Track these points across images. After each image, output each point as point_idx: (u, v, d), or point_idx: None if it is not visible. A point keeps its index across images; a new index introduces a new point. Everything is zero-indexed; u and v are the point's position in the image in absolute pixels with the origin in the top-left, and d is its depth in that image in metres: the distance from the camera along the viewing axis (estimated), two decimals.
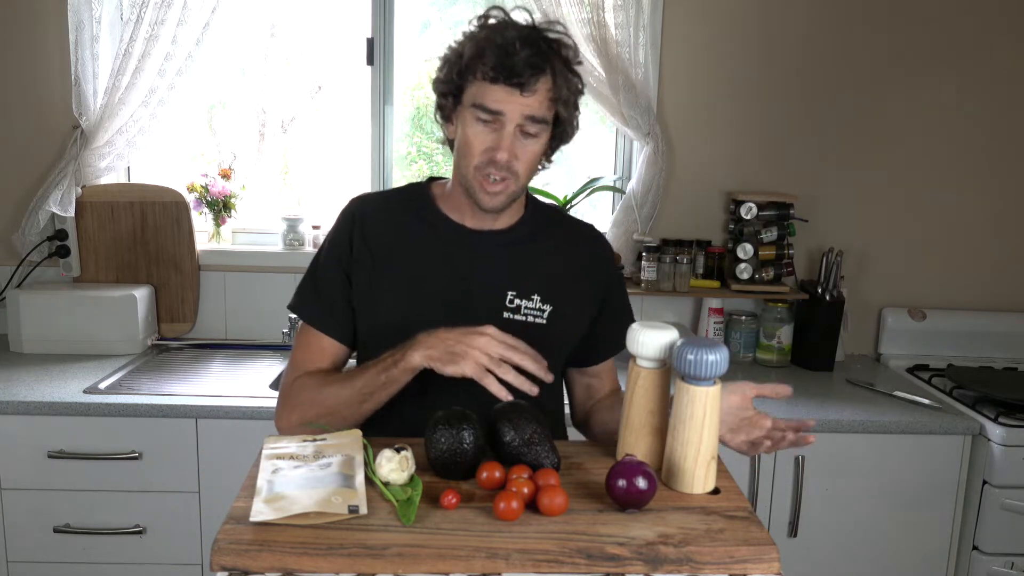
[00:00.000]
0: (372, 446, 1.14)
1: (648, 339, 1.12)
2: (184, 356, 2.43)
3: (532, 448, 1.10)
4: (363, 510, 0.99)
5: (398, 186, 1.48)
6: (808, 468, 2.09)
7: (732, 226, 2.55)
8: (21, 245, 2.44)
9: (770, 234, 2.48)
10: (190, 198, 2.53)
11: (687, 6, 2.50)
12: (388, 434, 1.25)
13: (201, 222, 2.59)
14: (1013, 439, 2.04)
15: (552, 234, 1.42)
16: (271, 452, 1.11)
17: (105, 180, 2.49)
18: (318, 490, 1.01)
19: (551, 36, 1.27)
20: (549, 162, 1.38)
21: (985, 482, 2.08)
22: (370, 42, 2.53)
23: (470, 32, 1.28)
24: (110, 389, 2.08)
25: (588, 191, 2.51)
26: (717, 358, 1.06)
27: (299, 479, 1.03)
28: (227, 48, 2.58)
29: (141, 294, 2.40)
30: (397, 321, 1.32)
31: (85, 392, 2.03)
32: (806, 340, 2.49)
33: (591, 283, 1.42)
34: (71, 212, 2.40)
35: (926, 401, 2.18)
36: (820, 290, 2.45)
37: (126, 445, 2.00)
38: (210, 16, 2.32)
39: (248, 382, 2.24)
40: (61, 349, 2.33)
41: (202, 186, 2.54)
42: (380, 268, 1.34)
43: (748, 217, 2.47)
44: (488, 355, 1.16)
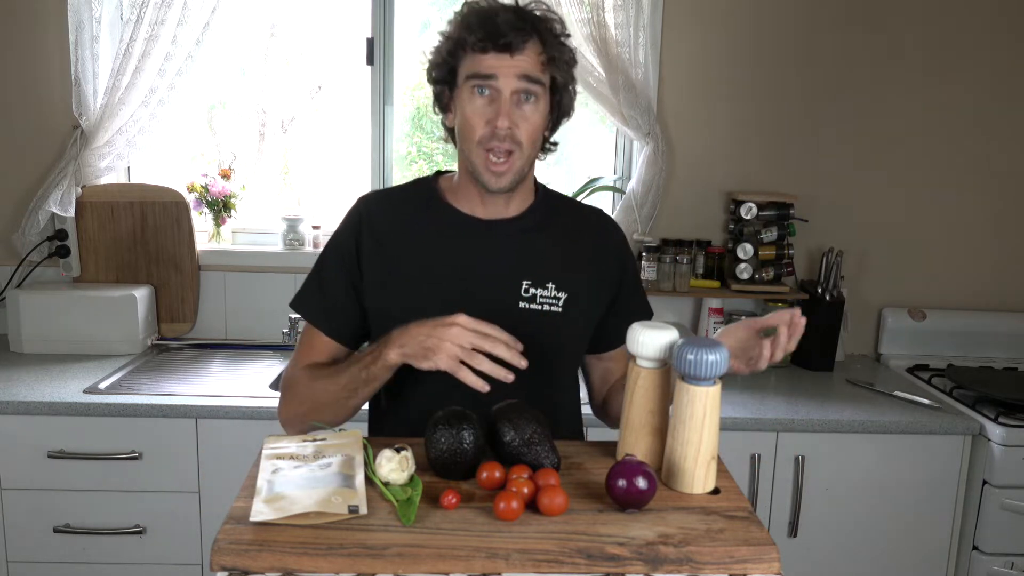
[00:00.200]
0: (372, 446, 1.14)
1: (648, 339, 1.12)
2: (184, 356, 2.43)
3: (532, 448, 1.10)
4: (363, 510, 0.99)
5: (405, 182, 1.47)
6: (808, 468, 2.09)
7: (732, 226, 2.55)
8: (21, 245, 2.44)
9: (770, 234, 2.48)
10: (190, 198, 2.53)
11: (687, 6, 2.50)
12: (401, 432, 1.26)
13: (201, 222, 2.59)
14: (1013, 439, 2.04)
15: (563, 221, 1.41)
16: (271, 452, 1.11)
17: (105, 180, 2.49)
18: (318, 490, 1.01)
19: (536, 13, 1.28)
20: (553, 145, 1.38)
21: (985, 482, 2.08)
22: (370, 42, 2.53)
23: (454, 16, 1.30)
24: (110, 389, 2.08)
25: (588, 191, 2.51)
26: (717, 358, 1.06)
27: (299, 479, 1.04)
28: (227, 48, 2.58)
29: (141, 294, 2.40)
30: (412, 317, 1.31)
31: (85, 392, 2.03)
32: (806, 340, 2.46)
33: (605, 268, 1.41)
34: (71, 212, 2.40)
35: (926, 401, 2.18)
36: (820, 290, 2.45)
37: (126, 445, 2.00)
38: (210, 16, 2.32)
39: (248, 382, 2.24)
40: (61, 349, 2.33)
41: (202, 186, 2.54)
42: (392, 265, 1.34)
43: (748, 217, 2.47)
44: (460, 346, 1.14)
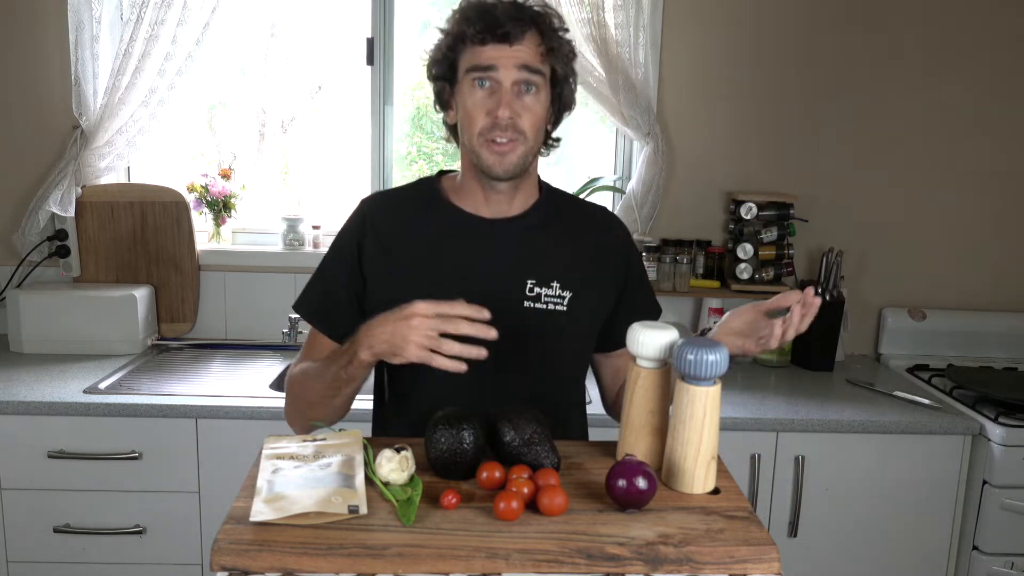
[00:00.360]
0: (372, 446, 1.14)
1: (648, 339, 1.12)
2: (184, 356, 2.43)
3: (532, 448, 1.10)
4: (363, 510, 0.99)
5: (408, 182, 1.47)
6: (808, 468, 2.09)
7: (732, 226, 2.55)
8: (21, 245, 2.44)
9: (770, 234, 2.48)
10: (190, 198, 2.53)
11: (687, 6, 2.50)
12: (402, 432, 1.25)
13: (201, 222, 2.59)
14: (1013, 439, 2.04)
15: (567, 219, 1.40)
16: (271, 452, 1.11)
17: (105, 180, 2.49)
18: (318, 490, 1.01)
19: (535, 8, 1.28)
20: (556, 141, 1.37)
21: (985, 482, 2.08)
22: (370, 42, 2.53)
23: (453, 12, 1.30)
24: (110, 389, 2.08)
25: (588, 191, 2.51)
26: (717, 358, 1.06)
27: (299, 479, 1.03)
28: (227, 48, 2.58)
29: (141, 294, 2.40)
30: None
31: (85, 392, 2.03)
32: (806, 340, 2.46)
33: (610, 266, 1.40)
34: (71, 212, 2.40)
35: (926, 401, 2.18)
36: (820, 290, 2.45)
37: (126, 445, 2.00)
38: (210, 16, 2.32)
39: (248, 382, 2.24)
40: (61, 349, 2.33)
41: (202, 186, 2.54)
42: (395, 265, 1.34)
43: (748, 217, 2.47)
44: (425, 335, 1.11)
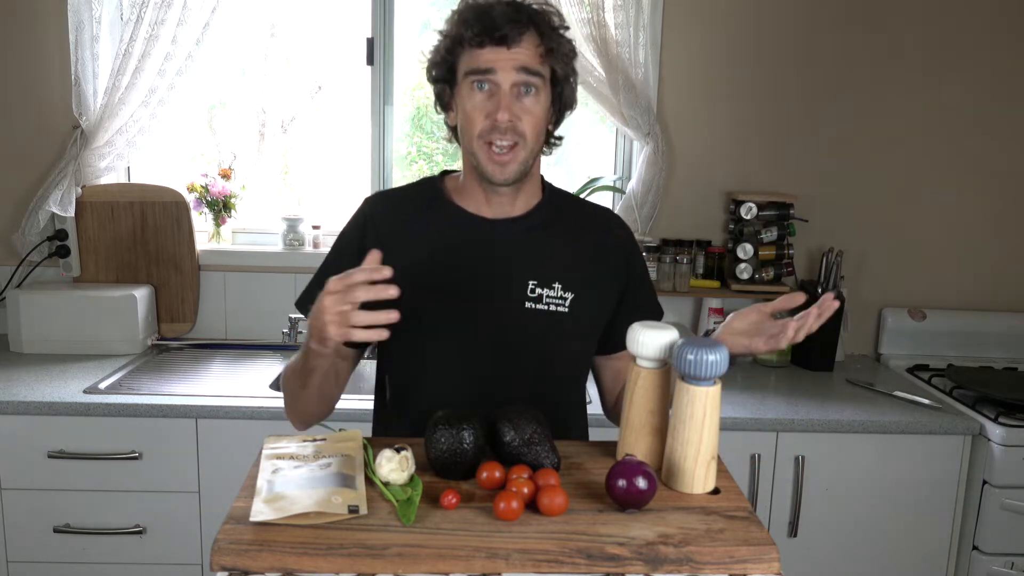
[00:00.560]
0: (372, 446, 1.14)
1: (648, 339, 1.12)
2: (184, 356, 2.43)
3: (532, 448, 1.10)
4: (363, 510, 0.99)
5: (411, 182, 1.47)
6: (808, 468, 2.08)
7: (732, 226, 2.55)
8: (21, 245, 2.44)
9: (770, 234, 2.48)
10: (190, 198, 2.53)
11: (687, 6, 2.50)
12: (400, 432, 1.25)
13: (201, 222, 2.59)
14: (1013, 439, 2.04)
15: (570, 220, 1.40)
16: (271, 452, 1.11)
17: (105, 180, 2.49)
18: (318, 490, 1.01)
19: (534, 7, 1.27)
20: (558, 140, 1.37)
21: (985, 482, 2.08)
22: (370, 42, 2.53)
23: (451, 13, 1.29)
24: (110, 389, 2.08)
25: (588, 191, 2.51)
26: (717, 358, 1.06)
27: (299, 479, 1.04)
28: (227, 48, 2.58)
29: (141, 294, 2.40)
30: (418, 318, 1.31)
31: (85, 392, 2.03)
32: (806, 340, 2.47)
33: (612, 267, 1.40)
34: (71, 212, 2.40)
35: (926, 401, 2.18)
36: (820, 290, 2.45)
37: (126, 445, 2.00)
38: (210, 16, 2.32)
39: (248, 382, 2.24)
40: (61, 349, 2.33)
41: (202, 186, 2.54)
42: (397, 265, 1.34)
43: (748, 217, 2.47)
44: (338, 313, 1.09)
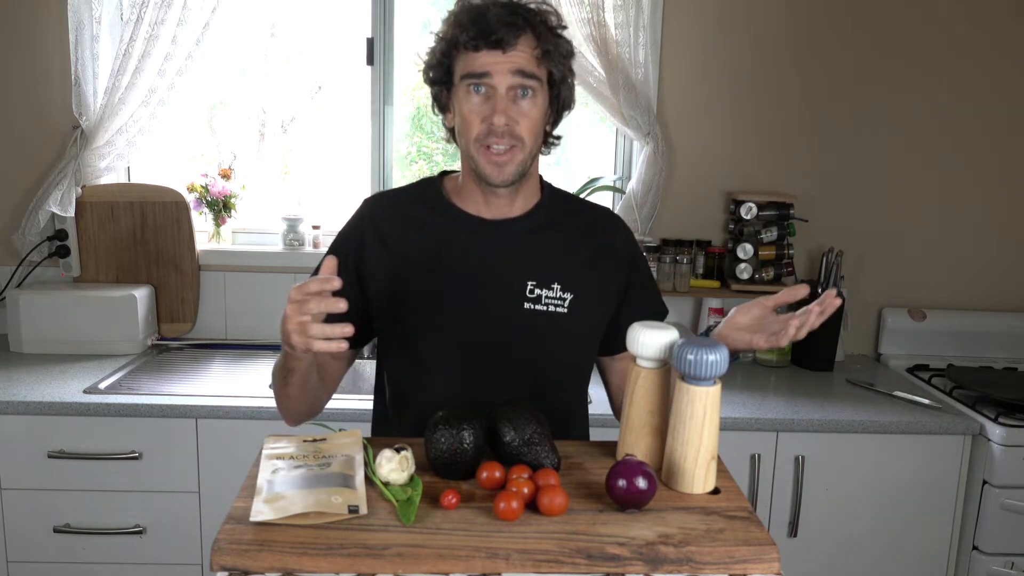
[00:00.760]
0: (372, 446, 1.14)
1: (648, 339, 1.12)
2: (184, 356, 2.43)
3: (532, 448, 1.10)
4: (363, 510, 0.99)
5: (410, 183, 1.46)
6: (808, 468, 2.08)
7: (732, 226, 2.55)
8: (21, 245, 2.44)
9: (770, 234, 2.48)
10: (190, 198, 2.53)
11: (687, 6, 2.50)
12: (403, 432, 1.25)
13: (201, 222, 2.59)
14: (1013, 439, 2.04)
15: (569, 220, 1.39)
16: (271, 452, 1.11)
17: (105, 180, 2.49)
18: (318, 490, 1.01)
19: (530, 6, 1.26)
20: (556, 139, 1.36)
21: (985, 482, 2.08)
22: (370, 42, 2.53)
23: (447, 15, 1.29)
24: (110, 389, 2.08)
25: (588, 191, 2.51)
26: (717, 358, 1.06)
27: (299, 479, 1.04)
28: (227, 48, 2.58)
29: (141, 294, 2.40)
30: (416, 318, 1.32)
31: (85, 392, 2.03)
32: (806, 340, 2.45)
33: (612, 268, 1.39)
34: (71, 212, 2.40)
35: (926, 401, 2.18)
36: (820, 290, 2.45)
37: (126, 445, 2.00)
38: (210, 16, 2.32)
39: (248, 382, 2.23)
40: (61, 349, 2.33)
41: (202, 186, 2.54)
42: (397, 266, 1.33)
43: (748, 217, 2.47)
44: (296, 323, 1.08)
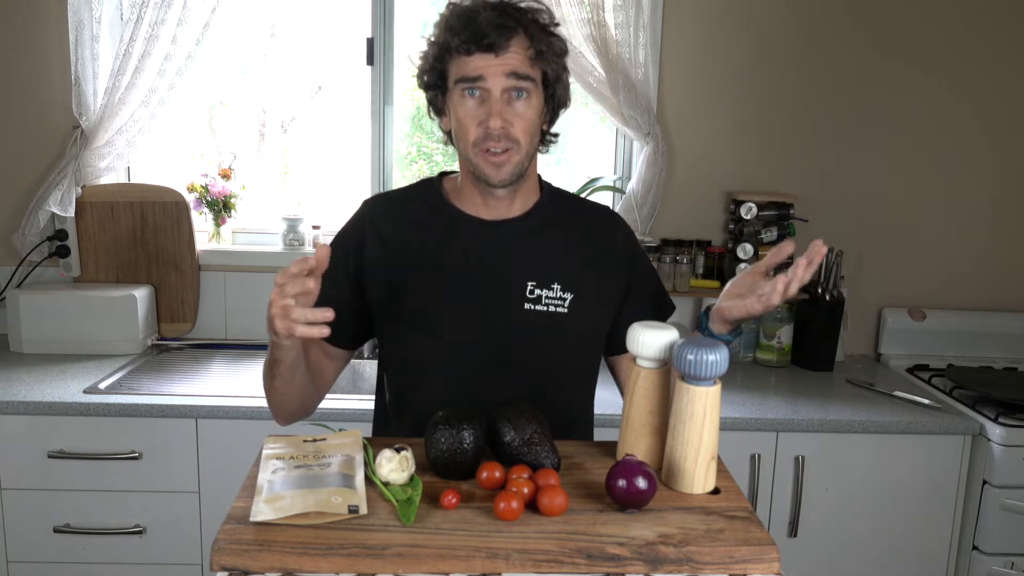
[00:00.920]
0: (372, 446, 1.14)
1: (648, 339, 1.12)
2: (184, 356, 2.43)
3: (532, 448, 1.10)
4: (363, 510, 1.00)
5: (410, 184, 1.46)
6: (808, 468, 2.08)
7: (732, 226, 2.55)
8: (21, 245, 2.44)
9: (770, 234, 2.48)
10: (190, 198, 2.53)
11: (687, 6, 2.50)
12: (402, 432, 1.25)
13: (201, 222, 2.59)
14: (1013, 439, 2.04)
15: (569, 219, 1.39)
16: (271, 452, 1.11)
17: (105, 180, 2.49)
18: (318, 490, 1.01)
19: (521, 5, 1.26)
20: (553, 136, 1.36)
21: (985, 482, 2.08)
22: (370, 42, 2.53)
23: (439, 19, 1.28)
24: (110, 389, 2.08)
25: (588, 191, 2.51)
26: (717, 358, 1.06)
27: (299, 479, 1.04)
28: (227, 48, 2.58)
29: (141, 294, 2.40)
30: (416, 319, 1.32)
31: (85, 392, 2.03)
32: (806, 340, 2.49)
33: (613, 266, 1.39)
34: (71, 212, 2.40)
35: (926, 401, 2.18)
36: (820, 290, 2.45)
37: (126, 445, 2.00)
38: (210, 16, 2.32)
39: (248, 382, 2.23)
40: (61, 349, 2.33)
41: (202, 186, 2.54)
42: (396, 266, 1.33)
43: (748, 217, 2.47)
44: (280, 307, 1.07)
